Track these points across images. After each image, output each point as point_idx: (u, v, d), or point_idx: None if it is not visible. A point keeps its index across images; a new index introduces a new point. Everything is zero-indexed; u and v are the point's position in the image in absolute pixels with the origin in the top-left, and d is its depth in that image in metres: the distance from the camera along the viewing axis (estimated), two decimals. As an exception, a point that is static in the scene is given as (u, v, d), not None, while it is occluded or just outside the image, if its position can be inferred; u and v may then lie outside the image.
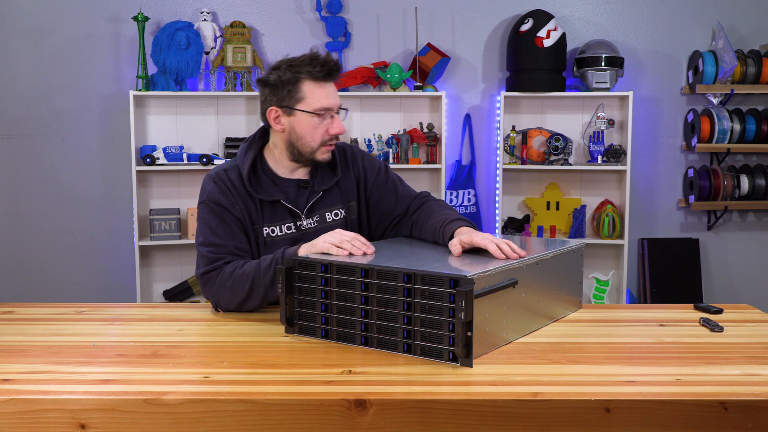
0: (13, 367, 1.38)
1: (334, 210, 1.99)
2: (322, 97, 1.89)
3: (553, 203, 4.27)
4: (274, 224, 1.92)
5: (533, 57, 4.02)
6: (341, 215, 2.00)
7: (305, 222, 1.95)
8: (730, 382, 1.29)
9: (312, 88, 1.89)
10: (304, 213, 1.95)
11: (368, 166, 2.06)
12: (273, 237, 1.92)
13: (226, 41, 4.01)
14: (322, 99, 1.88)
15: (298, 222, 1.94)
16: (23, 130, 4.13)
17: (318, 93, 1.89)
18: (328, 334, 1.55)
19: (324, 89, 1.89)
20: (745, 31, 4.27)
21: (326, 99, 1.89)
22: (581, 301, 1.86)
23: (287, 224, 1.93)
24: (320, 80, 1.89)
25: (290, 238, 1.92)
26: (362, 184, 2.04)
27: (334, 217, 1.98)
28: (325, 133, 1.90)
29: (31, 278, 4.18)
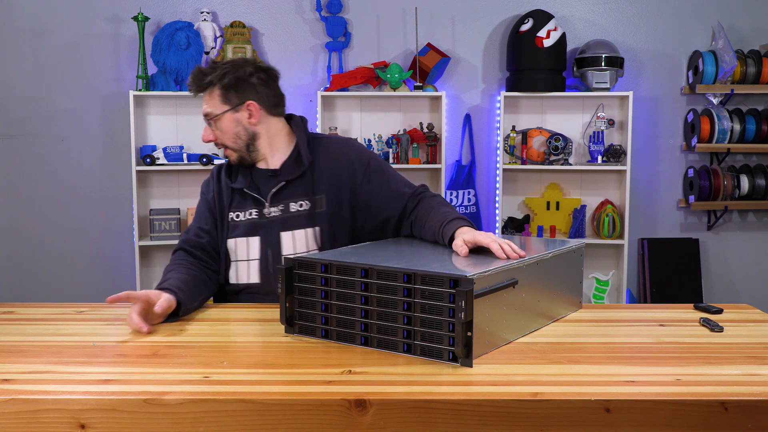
0: (13, 367, 1.38)
1: (299, 201, 2.01)
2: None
3: (553, 203, 4.27)
4: (240, 210, 2.04)
5: (533, 57, 4.02)
6: (306, 206, 2.00)
7: (268, 209, 2.02)
8: (730, 382, 1.29)
9: None
10: (269, 200, 2.02)
11: (355, 159, 2.04)
12: (236, 221, 2.04)
13: (226, 41, 4.01)
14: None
15: (263, 209, 2.02)
16: (23, 130, 4.13)
17: None
18: (328, 334, 1.55)
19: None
20: (745, 31, 4.27)
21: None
22: (581, 301, 1.86)
23: (251, 210, 2.03)
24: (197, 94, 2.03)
25: (251, 223, 2.02)
26: (346, 180, 2.02)
27: (298, 207, 2.01)
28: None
29: (31, 278, 4.18)
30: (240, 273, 2.02)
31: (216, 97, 1.98)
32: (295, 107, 4.24)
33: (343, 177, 2.02)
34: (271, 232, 1.99)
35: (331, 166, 2.03)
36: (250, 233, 2.01)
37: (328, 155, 2.04)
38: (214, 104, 1.98)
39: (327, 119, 4.18)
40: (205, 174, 4.19)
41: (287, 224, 1.99)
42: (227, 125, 1.99)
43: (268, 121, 2.03)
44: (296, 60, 4.22)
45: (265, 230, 2.00)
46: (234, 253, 2.03)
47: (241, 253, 2.02)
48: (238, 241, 2.02)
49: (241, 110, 1.99)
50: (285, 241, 1.99)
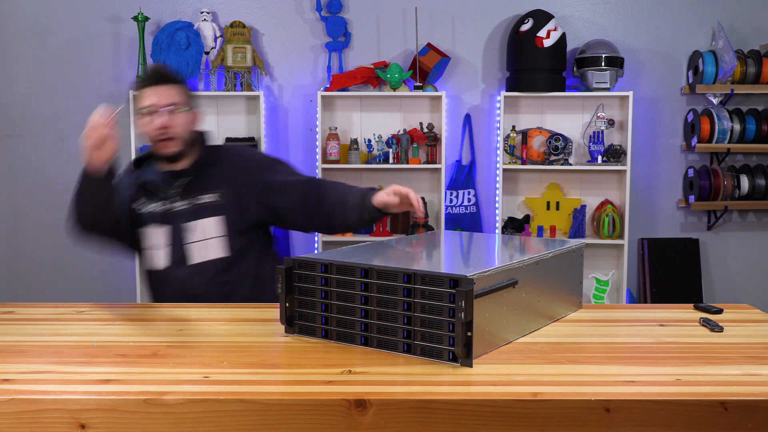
0: (13, 367, 1.38)
1: (205, 194, 2.19)
2: (144, 99, 2.16)
3: (553, 203, 4.27)
4: (145, 200, 2.21)
5: (533, 57, 4.02)
6: (212, 198, 2.19)
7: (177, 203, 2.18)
8: (730, 382, 1.29)
9: (141, 94, 2.18)
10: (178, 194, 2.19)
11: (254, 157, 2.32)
12: (143, 212, 2.20)
13: (226, 41, 4.01)
14: (144, 100, 2.16)
15: (168, 203, 2.18)
16: (23, 130, 4.13)
17: (143, 97, 2.17)
18: (328, 334, 1.55)
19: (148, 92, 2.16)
20: (745, 31, 4.27)
21: (147, 99, 2.15)
22: (581, 301, 1.86)
23: (159, 202, 2.19)
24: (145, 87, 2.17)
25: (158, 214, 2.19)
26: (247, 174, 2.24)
27: (206, 199, 2.19)
28: (152, 129, 2.15)
29: (31, 278, 4.18)
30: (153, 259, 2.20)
31: (183, 92, 2.20)
32: (295, 107, 4.25)
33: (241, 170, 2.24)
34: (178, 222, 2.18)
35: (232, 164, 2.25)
36: (160, 223, 2.18)
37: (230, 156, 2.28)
38: (180, 97, 2.18)
39: (327, 119, 4.18)
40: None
41: (194, 215, 2.17)
42: (186, 119, 2.19)
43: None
44: (296, 60, 4.22)
45: (173, 221, 2.17)
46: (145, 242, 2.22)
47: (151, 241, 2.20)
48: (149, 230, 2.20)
49: (195, 112, 2.24)
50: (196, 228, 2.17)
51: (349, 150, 4.09)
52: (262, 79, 4.16)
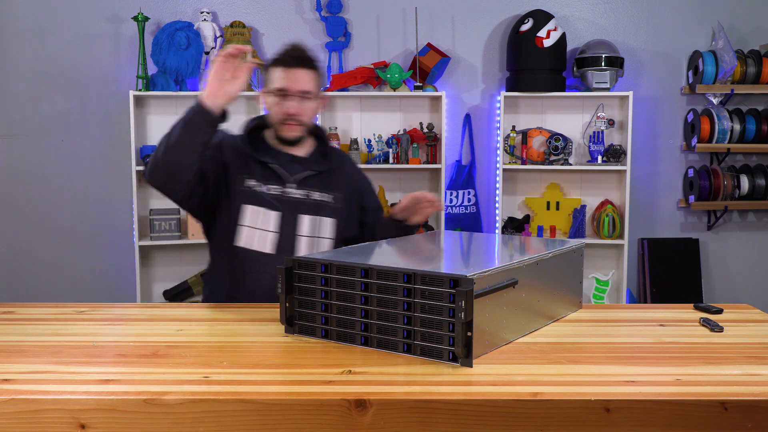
0: (13, 367, 1.38)
1: (322, 192, 2.18)
2: (279, 80, 2.11)
3: (553, 203, 4.27)
4: (260, 180, 2.13)
5: (533, 57, 4.02)
6: (327, 198, 2.19)
7: (292, 190, 2.14)
8: (730, 382, 1.29)
9: (276, 73, 2.13)
10: (296, 183, 2.15)
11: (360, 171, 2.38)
12: (254, 189, 2.12)
13: (226, 41, 4.01)
14: (279, 82, 2.11)
15: (283, 188, 2.14)
16: (23, 130, 4.13)
17: (278, 76, 2.12)
18: (328, 334, 1.55)
19: (284, 73, 2.11)
20: (745, 31, 4.27)
21: (281, 81, 2.11)
22: (581, 301, 1.86)
23: (272, 186, 2.13)
24: (284, 66, 2.11)
25: (273, 197, 2.12)
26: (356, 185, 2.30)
27: (319, 197, 2.18)
28: (279, 112, 2.12)
29: (31, 278, 4.18)
30: (254, 240, 2.10)
31: (316, 79, 2.16)
32: (295, 107, 4.24)
33: (355, 182, 2.30)
34: (293, 212, 2.13)
35: (347, 171, 2.29)
36: (271, 206, 2.11)
37: (344, 161, 2.31)
38: (314, 85, 2.15)
39: (327, 119, 4.18)
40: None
41: (309, 209, 2.15)
42: (314, 107, 2.17)
43: None
44: (296, 60, 4.21)
45: (286, 208, 2.12)
46: (245, 219, 2.11)
47: (255, 221, 2.10)
48: (257, 210, 2.10)
49: (322, 99, 2.22)
50: (304, 222, 2.13)
51: (349, 150, 4.09)
52: (262, 79, 4.16)
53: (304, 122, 2.15)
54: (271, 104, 2.14)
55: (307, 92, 2.12)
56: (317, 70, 2.16)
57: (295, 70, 2.11)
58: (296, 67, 2.11)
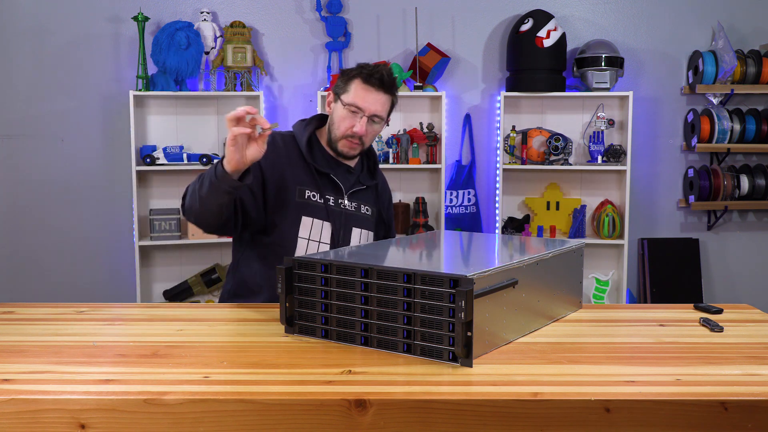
0: (13, 367, 1.38)
1: (367, 205, 2.23)
2: (358, 97, 2.09)
3: (553, 203, 4.27)
4: (314, 190, 2.12)
5: (533, 57, 4.02)
6: (370, 212, 2.24)
7: (346, 202, 2.17)
8: (730, 382, 1.29)
9: (357, 87, 2.10)
10: (348, 195, 2.17)
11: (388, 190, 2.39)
12: (310, 200, 2.11)
13: (226, 41, 4.01)
14: (357, 98, 2.09)
15: (339, 199, 2.15)
16: (23, 130, 4.13)
17: (357, 92, 2.09)
18: (328, 334, 1.55)
19: (365, 92, 2.09)
20: (745, 31, 4.27)
21: (360, 99, 2.08)
22: (581, 301, 1.86)
23: (329, 196, 2.14)
24: (367, 84, 2.09)
25: (326, 208, 2.12)
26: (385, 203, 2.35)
27: (365, 211, 2.22)
28: (347, 128, 2.10)
29: (31, 278, 4.18)
30: (308, 251, 2.10)
31: (391, 104, 2.16)
32: (295, 107, 4.24)
33: (386, 198, 2.35)
34: (345, 223, 2.15)
35: (383, 189, 2.34)
36: (324, 218, 2.12)
37: (382, 179, 2.35)
38: (386, 111, 2.14)
39: (327, 119, 4.18)
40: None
41: (359, 221, 2.18)
42: (378, 130, 2.17)
43: None
44: (296, 60, 4.22)
45: (339, 219, 2.14)
46: (304, 230, 2.10)
47: (311, 232, 2.11)
48: (314, 221, 2.11)
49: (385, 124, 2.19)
50: (355, 235, 2.17)
51: (349, 150, 4.09)
52: (262, 79, 4.16)
53: (365, 143, 2.16)
54: (339, 115, 2.12)
55: (379, 116, 2.12)
56: (394, 97, 2.17)
57: (377, 92, 2.10)
58: (379, 89, 2.10)
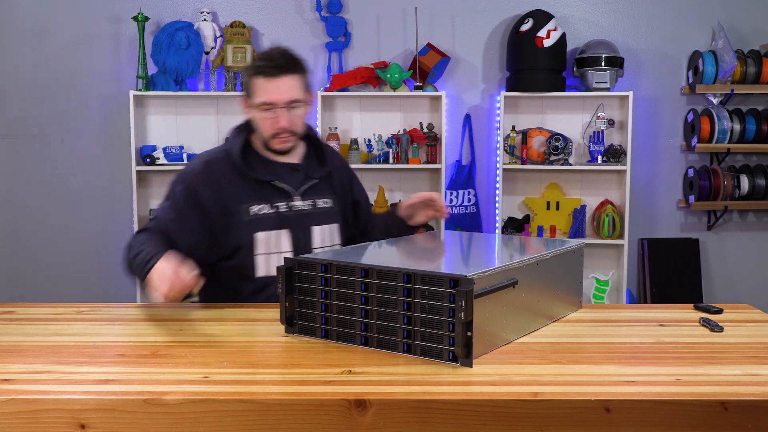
0: (13, 367, 1.38)
1: (324, 198, 2.12)
2: (264, 93, 1.95)
3: (553, 203, 4.27)
4: (262, 202, 2.01)
5: (533, 57, 4.02)
6: (329, 204, 2.13)
7: (299, 203, 2.05)
8: (730, 382, 1.29)
9: (260, 83, 1.96)
10: (300, 195, 2.06)
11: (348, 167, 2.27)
12: (258, 215, 2.00)
13: (226, 41, 4.01)
14: (263, 94, 1.95)
15: (290, 202, 2.05)
16: (23, 130, 4.13)
17: (262, 88, 1.96)
18: (328, 334, 1.55)
19: (270, 84, 1.95)
20: (745, 31, 4.27)
21: (267, 94, 1.95)
22: (581, 301, 1.86)
23: (277, 203, 2.03)
24: (266, 76, 1.95)
25: (280, 216, 2.02)
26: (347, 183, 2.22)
27: (323, 204, 2.11)
28: (271, 127, 1.98)
29: (31, 278, 4.18)
30: (271, 266, 2.00)
31: (301, 83, 2.00)
32: (295, 107, 4.24)
33: (346, 178, 2.22)
34: (303, 226, 2.05)
35: (339, 170, 2.19)
36: (279, 226, 2.01)
37: (335, 160, 2.20)
38: (299, 91, 1.99)
39: (327, 119, 4.18)
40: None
41: (318, 219, 2.08)
42: (302, 113, 2.02)
43: None
44: (296, 60, 4.21)
45: (295, 224, 2.03)
46: (261, 246, 2.00)
47: (269, 246, 2.01)
48: (268, 234, 2.00)
49: (310, 100, 2.06)
50: (316, 234, 2.07)
51: (349, 150, 4.09)
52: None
53: (296, 131, 2.02)
54: (258, 118, 1.99)
55: (295, 100, 1.97)
56: (303, 72, 2.00)
57: (280, 78, 1.95)
58: (281, 75, 1.95)
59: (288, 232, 2.02)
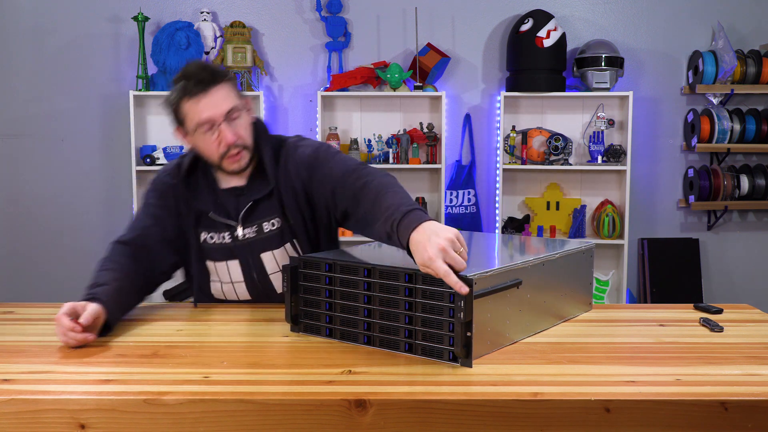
0: (13, 367, 1.38)
1: (271, 219, 1.88)
2: (197, 113, 1.77)
3: (553, 203, 4.27)
4: (211, 231, 1.89)
5: (533, 57, 4.02)
6: (278, 224, 1.88)
7: (241, 232, 1.87)
8: (730, 382, 1.29)
9: (190, 106, 1.77)
10: (240, 222, 1.87)
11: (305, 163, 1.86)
12: (210, 244, 1.89)
13: (226, 41, 4.01)
14: (197, 115, 1.77)
15: (234, 232, 1.88)
16: (23, 130, 4.13)
17: (194, 109, 1.77)
18: (332, 333, 1.55)
19: (196, 104, 1.76)
20: (745, 31, 4.27)
21: (199, 114, 1.77)
22: (591, 301, 1.85)
23: (222, 233, 1.88)
24: (191, 96, 1.77)
25: (226, 247, 1.88)
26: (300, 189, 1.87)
27: (270, 226, 1.88)
28: (218, 147, 1.79)
29: (31, 278, 4.18)
30: (227, 293, 1.93)
31: (232, 90, 1.81)
32: (295, 107, 4.25)
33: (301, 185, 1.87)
34: (251, 255, 1.89)
35: (292, 179, 1.87)
36: (228, 257, 1.89)
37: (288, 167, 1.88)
38: (233, 99, 1.80)
39: (327, 119, 4.18)
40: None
41: (265, 245, 1.88)
42: (244, 122, 1.82)
43: None
44: (296, 60, 4.22)
45: (243, 253, 1.88)
46: (215, 274, 1.93)
47: (223, 275, 1.92)
48: (217, 264, 1.91)
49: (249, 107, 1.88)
50: (267, 261, 1.89)
51: (349, 150, 4.09)
52: (262, 79, 4.16)
53: (245, 142, 1.82)
54: (201, 142, 1.80)
55: (232, 108, 1.78)
56: (229, 79, 1.82)
57: (209, 92, 1.76)
58: (208, 89, 1.76)
59: (238, 263, 1.89)
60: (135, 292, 1.81)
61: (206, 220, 1.89)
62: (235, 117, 1.80)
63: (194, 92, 1.76)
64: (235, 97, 1.81)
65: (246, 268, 1.90)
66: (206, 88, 1.76)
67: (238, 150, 1.80)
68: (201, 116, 1.76)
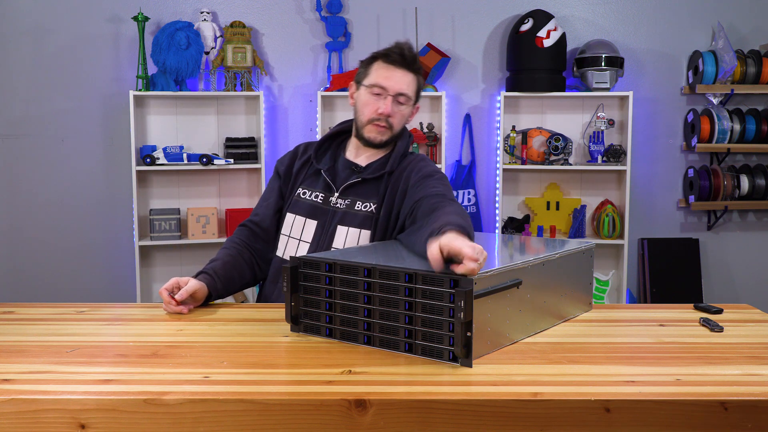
0: (13, 367, 1.38)
1: (366, 202, 2.00)
2: (380, 77, 2.01)
3: (553, 203, 4.27)
4: (309, 188, 2.07)
5: (533, 57, 4.02)
6: (370, 208, 1.99)
7: (336, 199, 2.03)
8: (730, 382, 1.29)
9: (378, 68, 2.03)
10: (339, 191, 2.03)
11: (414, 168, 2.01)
12: (301, 198, 2.07)
13: (226, 41, 4.01)
14: (378, 78, 2.01)
15: (329, 197, 2.04)
16: (23, 130, 4.13)
17: (379, 72, 2.02)
18: (333, 333, 1.55)
19: (387, 70, 2.01)
20: (745, 31, 4.27)
21: (383, 78, 2.00)
22: (591, 301, 1.85)
23: (318, 193, 2.05)
24: (388, 62, 2.01)
25: (314, 206, 2.04)
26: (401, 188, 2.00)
27: (363, 207, 2.00)
28: (372, 111, 2.01)
29: (31, 278, 4.18)
30: (289, 250, 2.03)
31: (417, 84, 2.06)
32: (295, 107, 4.25)
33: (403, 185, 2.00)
34: (330, 222, 2.01)
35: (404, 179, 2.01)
36: (310, 215, 2.03)
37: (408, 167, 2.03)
38: (412, 90, 2.04)
39: (327, 119, 4.18)
40: (205, 174, 4.19)
41: (347, 220, 1.99)
42: (406, 112, 2.05)
43: None
44: (296, 60, 4.22)
45: (325, 217, 2.02)
46: (288, 228, 2.05)
47: (295, 231, 2.04)
48: (297, 218, 2.04)
49: (416, 107, 2.11)
50: (339, 234, 1.98)
51: (349, 150, 4.09)
52: (262, 79, 4.16)
53: (394, 126, 2.02)
54: (362, 100, 2.04)
55: (405, 95, 2.01)
56: (420, 75, 2.06)
57: (398, 69, 2.01)
58: (400, 67, 2.01)
59: (315, 223, 2.02)
60: (246, 267, 2.02)
61: (312, 178, 2.08)
62: (402, 102, 2.02)
63: (393, 60, 2.01)
64: (414, 91, 2.06)
65: (319, 232, 2.01)
66: (403, 65, 2.01)
67: (385, 125, 2.02)
68: (382, 80, 2.00)
